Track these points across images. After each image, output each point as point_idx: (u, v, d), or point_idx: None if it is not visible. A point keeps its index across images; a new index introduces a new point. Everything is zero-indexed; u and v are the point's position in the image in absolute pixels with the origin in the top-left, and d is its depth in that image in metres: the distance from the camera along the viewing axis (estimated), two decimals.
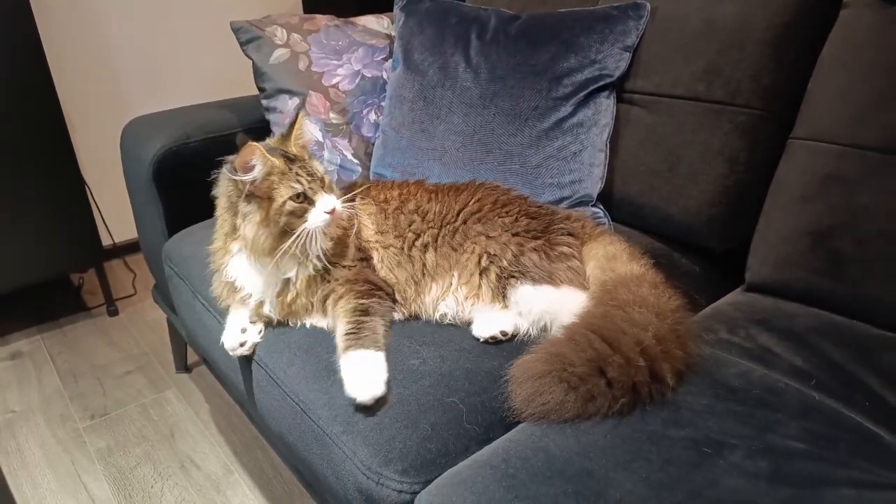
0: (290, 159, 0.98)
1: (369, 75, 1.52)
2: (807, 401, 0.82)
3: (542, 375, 0.82)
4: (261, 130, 1.55)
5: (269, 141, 1.05)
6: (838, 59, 1.05)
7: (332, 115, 1.47)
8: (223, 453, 1.68)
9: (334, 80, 1.49)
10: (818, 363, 0.89)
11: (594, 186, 1.29)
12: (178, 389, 1.95)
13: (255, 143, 0.94)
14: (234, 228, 1.00)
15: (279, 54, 1.50)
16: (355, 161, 1.48)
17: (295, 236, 0.95)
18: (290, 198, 0.95)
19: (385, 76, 1.52)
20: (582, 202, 1.28)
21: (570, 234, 1.08)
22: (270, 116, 1.51)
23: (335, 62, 1.51)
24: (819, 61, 1.09)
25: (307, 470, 1.00)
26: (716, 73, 1.19)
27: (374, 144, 1.47)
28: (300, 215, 0.96)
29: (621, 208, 1.34)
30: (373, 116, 1.50)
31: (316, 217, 0.96)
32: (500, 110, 1.29)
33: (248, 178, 0.95)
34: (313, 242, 0.97)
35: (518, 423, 0.84)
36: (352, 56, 1.52)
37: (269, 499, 1.53)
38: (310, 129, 1.46)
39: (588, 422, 0.80)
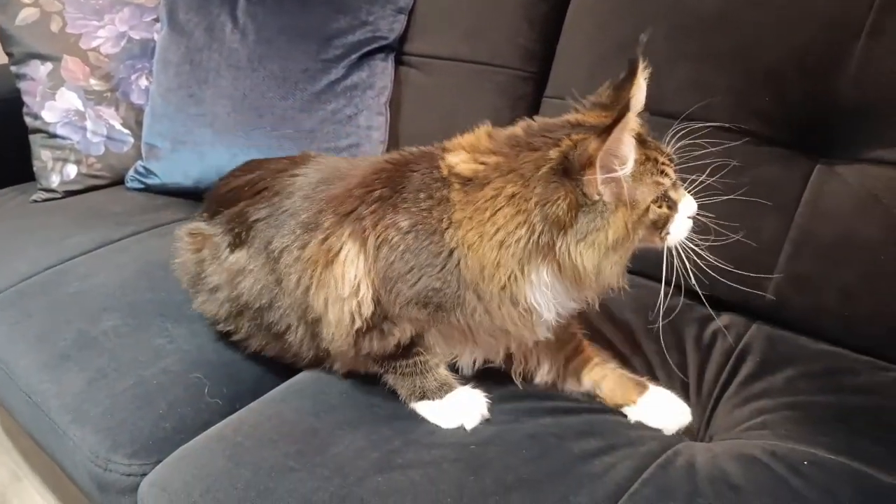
0: (640, 140, 0.66)
1: (137, 37, 1.41)
2: None
3: None
4: (12, 102, 1.39)
5: (577, 107, 0.73)
6: (576, 23, 1.12)
7: (92, 80, 1.35)
8: (11, 460, 1.53)
9: (94, 43, 1.37)
10: None
11: (374, 150, 1.29)
12: None
13: (632, 114, 0.62)
14: (548, 247, 0.66)
15: (27, 14, 1.35)
16: (126, 131, 1.38)
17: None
18: (653, 201, 0.66)
19: (157, 38, 1.42)
20: None
21: None
22: (21, 84, 1.35)
23: (95, 23, 1.38)
24: (565, 24, 1.15)
25: (59, 465, 0.93)
26: (478, 35, 1.23)
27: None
28: (661, 226, 0.68)
29: None
30: (144, 82, 1.40)
31: (680, 227, 0.68)
32: (269, 73, 1.25)
33: (616, 174, 0.63)
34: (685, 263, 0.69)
35: (267, 391, 0.83)
36: (115, 16, 1.40)
37: (63, 501, 1.42)
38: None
39: (327, 383, 0.81)
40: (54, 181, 1.34)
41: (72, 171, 1.35)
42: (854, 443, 0.72)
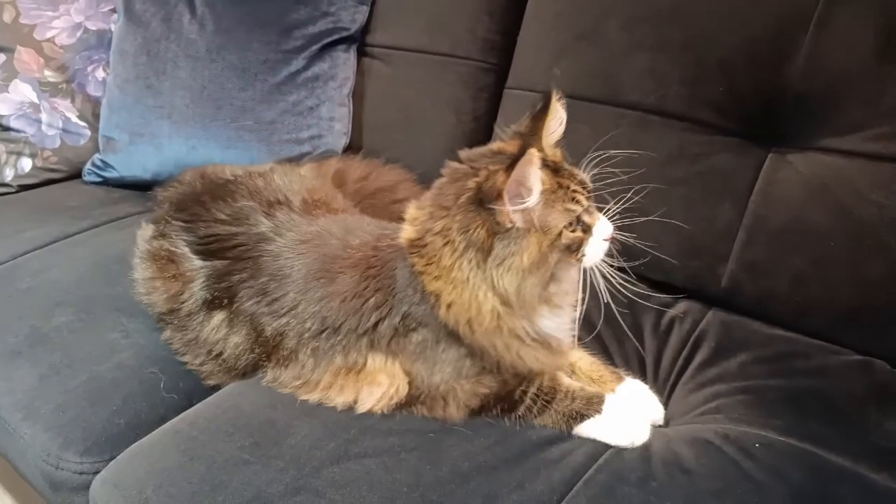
0: (553, 168, 0.69)
1: (94, 28, 1.37)
2: None
3: None
4: None
5: (501, 135, 0.75)
6: (536, 15, 1.12)
7: (47, 72, 1.32)
8: None
9: (49, 34, 1.33)
10: None
11: (337, 141, 1.28)
12: None
13: (534, 150, 0.63)
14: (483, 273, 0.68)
15: None
16: (82, 123, 1.35)
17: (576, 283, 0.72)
18: (566, 226, 0.68)
19: (114, 29, 1.39)
20: (325, 158, 1.27)
21: None
22: None
23: (50, 13, 1.34)
24: (524, 16, 1.15)
25: (11, 464, 0.91)
26: (440, 27, 1.23)
27: None
28: (575, 249, 0.70)
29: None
30: (101, 74, 1.37)
31: (595, 249, 0.70)
32: (228, 64, 1.23)
33: (523, 205, 0.65)
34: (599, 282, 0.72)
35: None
36: (71, 6, 1.36)
37: (22, 501, 1.39)
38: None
39: None
40: (8, 175, 1.31)
41: (26, 164, 1.32)
42: (805, 425, 0.74)
